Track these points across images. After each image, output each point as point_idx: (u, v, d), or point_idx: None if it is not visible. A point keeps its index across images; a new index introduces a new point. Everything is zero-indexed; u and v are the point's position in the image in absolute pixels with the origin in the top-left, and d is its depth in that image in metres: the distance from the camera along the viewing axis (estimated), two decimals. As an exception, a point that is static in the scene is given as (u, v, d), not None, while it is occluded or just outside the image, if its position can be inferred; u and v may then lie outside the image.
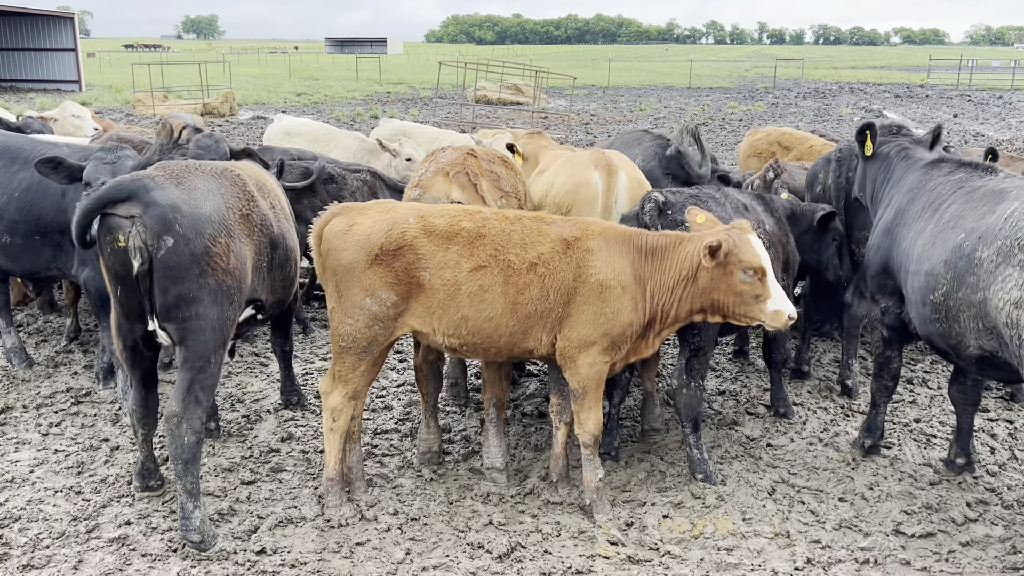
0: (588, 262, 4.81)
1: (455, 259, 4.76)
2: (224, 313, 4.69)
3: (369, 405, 6.77)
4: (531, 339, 4.90)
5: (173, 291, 4.53)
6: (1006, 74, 57.80)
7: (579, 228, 4.92)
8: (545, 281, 4.78)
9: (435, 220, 4.83)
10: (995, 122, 29.80)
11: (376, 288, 4.76)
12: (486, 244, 4.78)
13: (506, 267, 4.76)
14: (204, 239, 4.56)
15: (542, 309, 4.81)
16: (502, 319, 4.81)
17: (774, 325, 4.78)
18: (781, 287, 5.92)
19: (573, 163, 6.33)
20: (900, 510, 5.24)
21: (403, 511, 5.15)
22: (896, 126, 6.12)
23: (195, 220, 4.56)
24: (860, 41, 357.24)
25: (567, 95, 40.92)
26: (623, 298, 4.82)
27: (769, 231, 5.86)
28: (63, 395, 6.83)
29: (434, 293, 4.79)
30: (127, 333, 4.85)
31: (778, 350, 6.56)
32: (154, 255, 4.48)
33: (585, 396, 4.96)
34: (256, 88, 44.48)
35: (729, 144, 22.62)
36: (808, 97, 42.89)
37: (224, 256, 4.65)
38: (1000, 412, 6.79)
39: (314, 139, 10.92)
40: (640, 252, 4.91)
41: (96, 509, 5.15)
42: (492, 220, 4.87)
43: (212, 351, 4.68)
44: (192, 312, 4.58)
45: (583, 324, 4.81)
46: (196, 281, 4.55)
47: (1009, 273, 4.31)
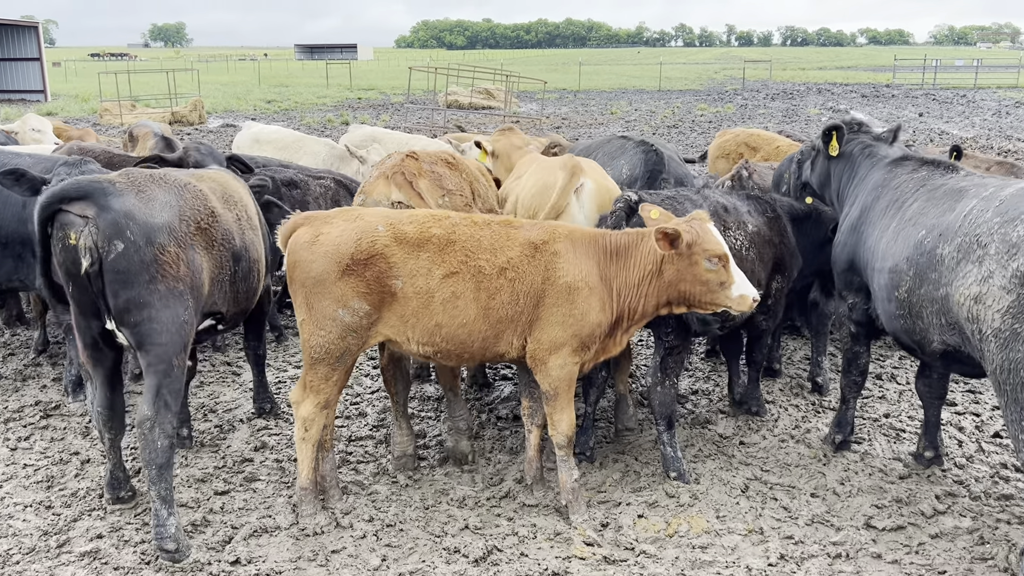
0: (556, 265, 4.84)
1: (427, 266, 4.75)
2: (178, 318, 4.71)
3: (343, 412, 6.75)
4: (502, 343, 4.92)
5: (123, 295, 4.59)
6: (969, 73, 58.74)
7: (546, 231, 4.95)
8: (515, 285, 4.80)
9: (405, 227, 4.81)
10: (959, 120, 30.28)
11: (348, 298, 4.73)
12: (457, 250, 4.78)
13: (477, 273, 4.77)
14: (153, 247, 4.62)
15: (513, 313, 4.83)
16: (475, 325, 4.82)
17: (740, 309, 4.84)
18: (778, 287, 5.98)
19: (541, 167, 6.39)
20: (871, 504, 5.31)
21: (379, 517, 5.14)
22: (856, 123, 6.21)
23: (147, 228, 4.62)
24: (827, 42, 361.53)
25: (538, 99, 41.04)
26: (591, 299, 4.86)
27: (752, 232, 5.86)
28: (31, 408, 6.74)
29: (407, 301, 4.78)
30: (84, 330, 4.89)
31: (759, 350, 6.58)
32: (104, 257, 4.55)
33: (557, 398, 4.98)
34: (225, 96, 44.17)
35: (699, 146, 22.77)
36: (776, 98, 43.33)
37: (174, 264, 4.69)
38: (967, 406, 6.90)
39: (283, 146, 10.87)
40: (605, 252, 4.95)
41: (67, 523, 5.09)
42: (461, 226, 4.87)
43: (172, 355, 4.70)
44: (144, 316, 4.62)
45: (552, 326, 4.84)
46: (146, 287, 4.60)
47: (969, 269, 4.39)
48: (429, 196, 5.68)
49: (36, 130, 11.59)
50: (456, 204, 5.81)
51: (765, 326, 6.35)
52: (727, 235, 5.70)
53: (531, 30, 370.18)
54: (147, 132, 11.69)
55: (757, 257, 5.83)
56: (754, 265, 5.80)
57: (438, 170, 5.92)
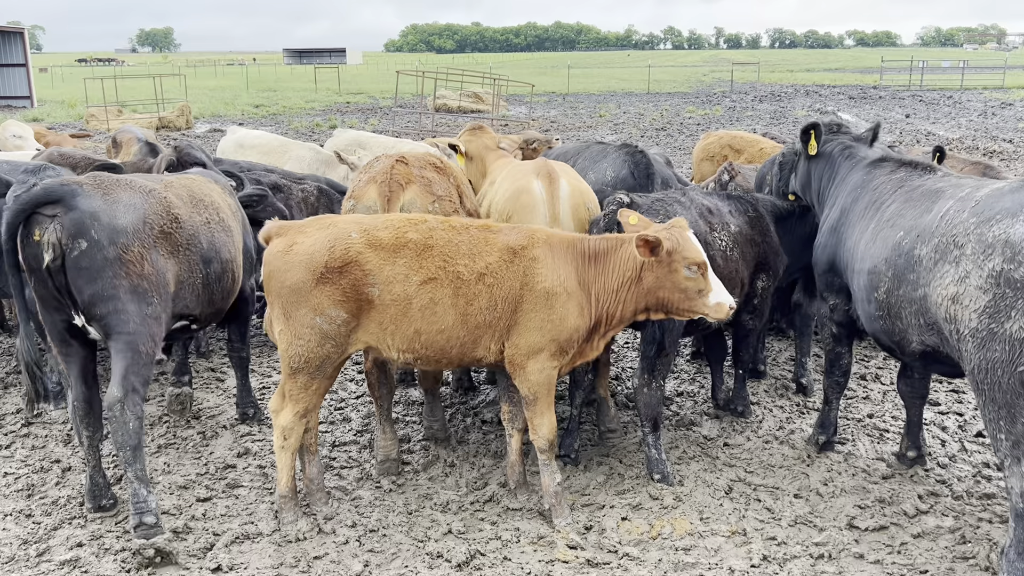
0: (534, 270, 4.83)
1: (404, 272, 4.72)
2: (144, 311, 4.93)
3: (327, 417, 6.73)
4: (480, 348, 4.91)
5: (87, 290, 4.79)
6: (955, 74, 59.09)
7: (525, 236, 4.94)
8: (493, 291, 4.79)
9: (379, 233, 4.78)
10: (945, 121, 30.44)
11: (324, 307, 4.70)
12: (434, 256, 4.76)
13: (456, 279, 4.75)
14: (116, 247, 4.83)
15: (491, 318, 4.82)
16: (454, 331, 4.81)
17: (717, 317, 4.84)
18: (763, 286, 5.97)
19: (514, 171, 6.34)
20: (854, 504, 5.32)
21: (361, 523, 5.12)
22: (836, 124, 6.25)
23: (110, 229, 4.83)
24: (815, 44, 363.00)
25: (527, 102, 41.07)
26: (569, 304, 4.86)
27: (735, 232, 5.90)
28: (13, 416, 6.70)
29: (385, 309, 4.75)
30: (50, 325, 5.03)
31: (746, 350, 6.59)
32: (67, 254, 4.76)
33: (536, 402, 4.97)
34: (213, 101, 44.04)
35: (688, 148, 22.83)
36: (764, 100, 43.47)
37: (137, 263, 4.91)
38: (951, 405, 6.93)
39: (268, 151, 10.83)
40: (583, 257, 4.95)
41: (47, 532, 5.06)
42: (439, 230, 4.85)
43: (139, 342, 4.90)
44: (111, 308, 4.83)
45: (531, 331, 4.83)
46: (110, 282, 4.82)
47: (946, 270, 4.41)
48: (420, 202, 5.70)
49: (17, 136, 11.53)
50: (446, 209, 5.81)
51: (752, 325, 6.38)
52: (712, 236, 5.72)
53: (520, 33, 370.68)
54: (130, 138, 11.65)
55: (740, 257, 5.87)
56: (738, 265, 5.83)
57: (427, 175, 5.91)
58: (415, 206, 5.68)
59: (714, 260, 5.67)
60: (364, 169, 6.03)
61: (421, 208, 5.68)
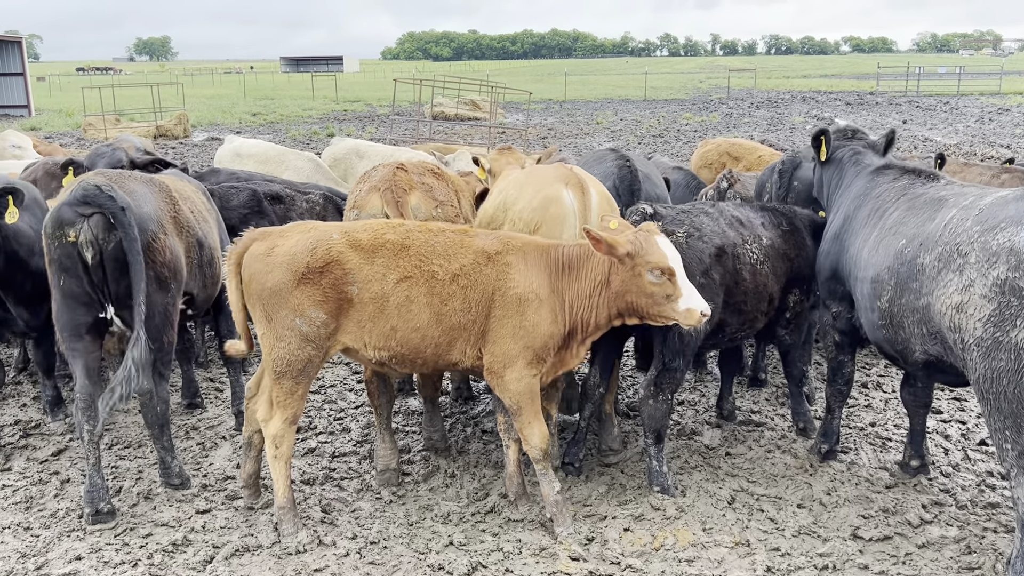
0: (507, 276, 4.88)
1: (381, 271, 4.78)
2: (165, 299, 5.39)
3: (326, 428, 6.69)
4: (455, 351, 4.94)
5: (124, 281, 5.11)
6: (952, 80, 59.18)
7: (500, 242, 4.99)
8: (467, 292, 4.83)
9: (359, 235, 4.86)
10: (943, 127, 30.50)
11: (304, 308, 4.74)
12: (411, 255, 4.82)
13: (430, 278, 4.80)
14: (147, 235, 5.22)
15: (465, 320, 4.85)
16: (428, 330, 4.84)
17: (688, 323, 4.81)
18: (796, 300, 5.98)
19: (537, 178, 5.94)
20: (857, 515, 5.29)
21: (362, 535, 5.08)
22: (851, 130, 6.20)
23: (140, 219, 5.18)
24: (811, 50, 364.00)
25: (524, 110, 41.09)
26: (541, 310, 4.88)
27: (767, 245, 5.82)
28: (11, 428, 6.66)
29: (363, 307, 4.80)
30: (70, 321, 5.22)
31: (792, 364, 6.41)
32: (104, 249, 5.07)
33: (521, 412, 4.97)
34: (211, 109, 44.05)
35: (685, 155, 22.83)
36: (761, 107, 43.55)
37: (162, 251, 5.33)
38: (953, 413, 6.90)
39: (265, 160, 10.82)
40: (557, 265, 4.97)
41: (46, 545, 5.02)
42: (416, 232, 4.92)
43: (163, 332, 5.41)
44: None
45: (504, 338, 4.86)
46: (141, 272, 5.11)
47: (950, 278, 4.39)
48: (425, 207, 5.73)
49: (16, 146, 11.50)
50: (448, 214, 5.86)
51: (790, 340, 6.25)
52: (742, 248, 5.67)
53: (517, 41, 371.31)
54: (129, 146, 11.62)
55: (771, 271, 5.79)
56: (768, 279, 5.77)
57: (428, 181, 5.95)
58: (419, 211, 5.69)
59: (740, 273, 5.64)
60: (362, 179, 6.03)
61: (425, 213, 5.71)
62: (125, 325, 5.35)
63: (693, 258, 5.45)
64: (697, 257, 5.47)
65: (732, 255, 5.62)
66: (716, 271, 5.53)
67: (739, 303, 5.71)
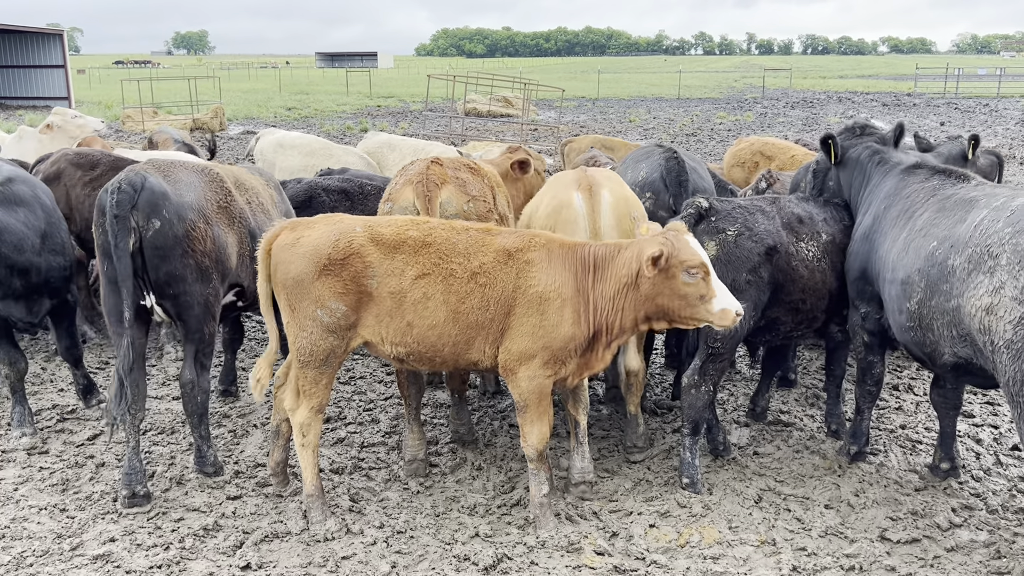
0: (528, 273, 4.81)
1: (401, 267, 4.80)
2: (206, 289, 5.47)
3: (356, 419, 6.77)
4: (474, 350, 4.91)
5: (163, 268, 5.27)
6: (992, 82, 58.18)
7: (522, 240, 4.93)
8: (486, 291, 4.79)
9: (382, 229, 4.89)
10: (982, 129, 29.98)
11: (325, 299, 4.79)
12: (431, 252, 4.82)
13: (448, 275, 4.79)
14: (185, 223, 5.31)
15: (483, 319, 4.82)
16: (445, 327, 4.83)
17: (723, 324, 4.70)
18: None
19: (557, 183, 6.10)
20: (886, 516, 5.26)
21: (389, 524, 5.14)
22: (860, 126, 6.13)
23: (178, 207, 5.31)
24: (848, 51, 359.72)
25: (556, 107, 41.05)
26: (563, 311, 4.80)
27: (825, 241, 5.78)
28: (49, 412, 6.81)
29: (382, 301, 4.83)
30: (111, 308, 5.30)
31: (837, 362, 6.37)
32: (144, 235, 5.19)
33: (527, 410, 4.94)
34: (246, 103, 44.51)
35: (718, 154, 22.71)
36: (796, 107, 43.12)
37: (202, 240, 5.39)
38: (985, 417, 6.82)
39: (309, 152, 10.87)
40: (584, 264, 4.87)
41: (80, 526, 5.14)
42: (439, 229, 4.92)
43: (204, 322, 5.51)
44: (180, 289, 5.35)
45: (523, 336, 4.80)
46: (180, 260, 5.29)
47: (980, 280, 4.35)
48: (457, 201, 5.78)
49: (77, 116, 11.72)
50: (480, 209, 5.87)
51: (841, 338, 6.17)
52: (798, 246, 5.65)
53: (550, 38, 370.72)
54: (167, 139, 11.83)
55: (830, 267, 5.75)
56: (826, 275, 5.74)
57: (462, 176, 5.97)
58: (451, 205, 5.73)
59: (796, 271, 5.62)
60: (400, 172, 6.10)
61: (456, 207, 5.73)
62: (166, 315, 5.45)
63: (741, 256, 5.47)
64: (745, 256, 5.48)
65: (786, 253, 5.60)
66: (765, 269, 5.52)
67: (796, 301, 5.71)
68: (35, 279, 6.06)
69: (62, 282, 6.31)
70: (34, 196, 6.23)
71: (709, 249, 5.47)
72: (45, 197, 6.39)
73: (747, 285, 5.48)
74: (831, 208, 6.05)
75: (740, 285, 5.45)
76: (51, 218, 6.27)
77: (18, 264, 5.94)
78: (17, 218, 5.97)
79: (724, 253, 5.49)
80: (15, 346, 6.31)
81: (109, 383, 5.42)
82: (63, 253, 6.29)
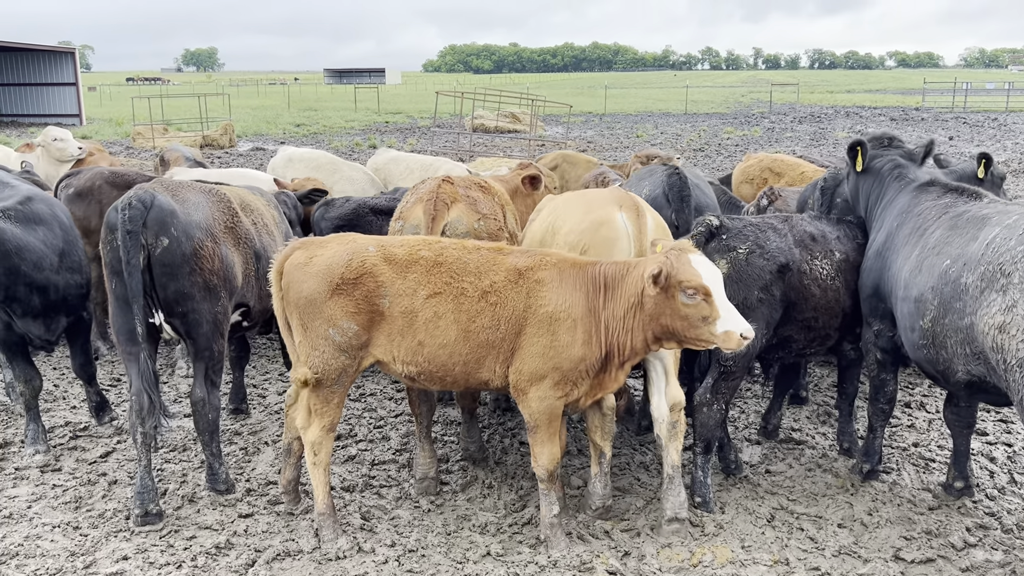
0: (538, 293, 4.79)
1: (412, 286, 4.81)
2: (215, 307, 5.50)
3: (366, 436, 6.77)
4: (485, 369, 4.89)
5: (171, 286, 5.28)
6: (1000, 96, 58.14)
7: (533, 259, 4.91)
8: (496, 310, 4.78)
9: (395, 249, 4.91)
10: (991, 144, 29.96)
11: (337, 318, 4.81)
12: (442, 272, 4.83)
13: (459, 294, 4.79)
14: (193, 243, 5.34)
15: (494, 338, 4.81)
16: (455, 347, 4.82)
17: (727, 347, 4.55)
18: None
19: (588, 200, 5.73)
20: (899, 536, 5.23)
21: (400, 543, 5.14)
22: (888, 137, 6.10)
23: (187, 225, 5.33)
24: (855, 65, 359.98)
25: (564, 122, 41.17)
26: (574, 331, 4.76)
27: (839, 260, 5.76)
28: (61, 429, 6.83)
29: (393, 321, 4.83)
30: (123, 325, 5.31)
31: (850, 382, 6.34)
32: (152, 253, 5.21)
33: (537, 431, 4.92)
34: (255, 119, 44.76)
35: (726, 169, 22.70)
36: (804, 121, 43.14)
37: (210, 259, 5.41)
38: (999, 435, 6.78)
39: (316, 167, 10.93)
40: (595, 284, 4.81)
41: (93, 544, 5.14)
42: (450, 249, 4.93)
43: (212, 340, 5.54)
44: (188, 307, 5.36)
45: (533, 357, 4.78)
46: (188, 278, 5.31)
47: (993, 298, 4.34)
48: (465, 220, 5.77)
49: (58, 139, 11.86)
50: (490, 228, 5.87)
51: (854, 355, 6.14)
52: (811, 264, 5.63)
53: (557, 54, 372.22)
54: (178, 156, 11.90)
55: (843, 285, 5.75)
56: (839, 294, 5.74)
57: (472, 194, 6.00)
58: (461, 224, 5.74)
59: (808, 289, 5.61)
60: (411, 191, 6.14)
61: (467, 226, 5.74)
62: (175, 332, 5.47)
63: (752, 274, 5.46)
64: (757, 274, 5.47)
65: (798, 271, 5.59)
66: (777, 288, 5.52)
67: (809, 319, 5.70)
68: (53, 297, 6.12)
69: (79, 299, 6.37)
70: (52, 214, 6.31)
71: (720, 267, 5.46)
72: (62, 215, 6.47)
73: (759, 303, 5.48)
74: (843, 226, 6.05)
75: (752, 303, 5.45)
76: (68, 236, 6.33)
77: (38, 282, 6.00)
78: (37, 237, 6.03)
79: (735, 271, 5.49)
80: (31, 363, 6.36)
81: (129, 403, 5.40)
82: (80, 271, 6.36)
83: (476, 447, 6.26)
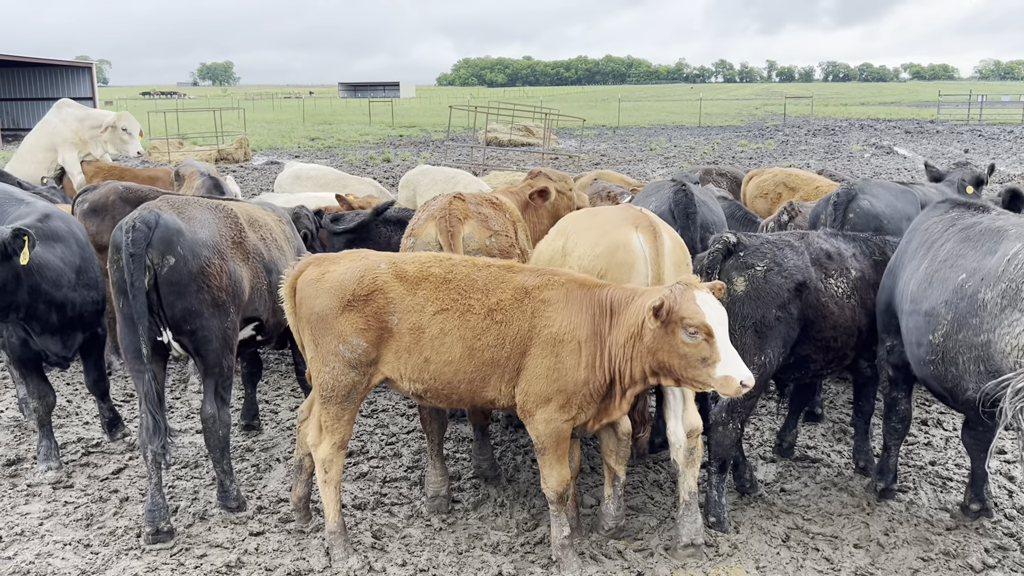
0: (543, 313, 4.73)
1: (421, 303, 4.80)
2: (224, 323, 5.48)
3: (378, 452, 6.75)
4: (490, 388, 4.85)
5: (179, 305, 5.26)
6: (1016, 108, 57.82)
7: (541, 278, 4.85)
8: (502, 328, 4.74)
9: (406, 266, 4.90)
10: (1007, 156, 29.76)
11: (347, 335, 4.81)
12: (450, 288, 4.81)
13: (466, 311, 4.76)
14: (200, 260, 5.32)
15: (498, 356, 4.76)
16: (460, 364, 4.79)
17: (725, 392, 4.35)
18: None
19: (601, 221, 5.50)
20: (917, 556, 5.15)
21: (411, 562, 5.10)
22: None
23: (193, 243, 5.32)
24: (869, 77, 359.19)
25: (577, 136, 41.21)
26: (578, 354, 4.68)
27: (855, 278, 5.71)
28: (73, 445, 6.84)
29: (401, 337, 4.82)
30: (128, 344, 5.30)
31: (868, 399, 6.27)
32: (159, 272, 5.20)
33: (545, 453, 4.86)
34: (270, 133, 45.05)
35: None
36: (818, 134, 43.00)
37: (218, 275, 5.40)
38: (1018, 453, 6.69)
39: (324, 184, 10.99)
40: (601, 307, 4.72)
41: (104, 562, 5.14)
42: (460, 266, 4.91)
43: (222, 356, 5.53)
44: (197, 324, 5.35)
45: (538, 378, 4.73)
46: (196, 296, 5.29)
47: (1016, 318, 4.27)
48: (477, 236, 5.76)
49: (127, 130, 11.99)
50: (502, 244, 5.87)
51: (870, 373, 6.07)
52: (826, 283, 5.58)
53: (571, 67, 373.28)
54: (193, 171, 11.93)
55: (859, 303, 5.69)
56: (855, 312, 5.68)
57: (484, 211, 6.01)
58: (473, 240, 5.75)
59: (826, 307, 5.56)
60: (423, 207, 6.15)
61: (479, 242, 5.75)
62: (184, 350, 5.48)
63: (770, 292, 5.42)
64: (775, 291, 5.43)
65: (815, 290, 5.54)
66: (794, 306, 5.47)
67: (826, 339, 5.64)
68: (71, 314, 6.15)
69: (95, 316, 6.41)
70: (69, 231, 6.36)
71: (737, 285, 5.42)
72: (79, 231, 6.52)
73: (776, 322, 5.43)
74: (859, 243, 5.99)
75: (769, 322, 5.41)
76: (85, 253, 6.37)
77: (56, 299, 6.03)
78: (55, 254, 6.07)
79: (753, 288, 5.44)
80: (45, 380, 6.38)
81: (139, 421, 5.41)
82: (96, 287, 6.39)
83: (488, 465, 6.22)
